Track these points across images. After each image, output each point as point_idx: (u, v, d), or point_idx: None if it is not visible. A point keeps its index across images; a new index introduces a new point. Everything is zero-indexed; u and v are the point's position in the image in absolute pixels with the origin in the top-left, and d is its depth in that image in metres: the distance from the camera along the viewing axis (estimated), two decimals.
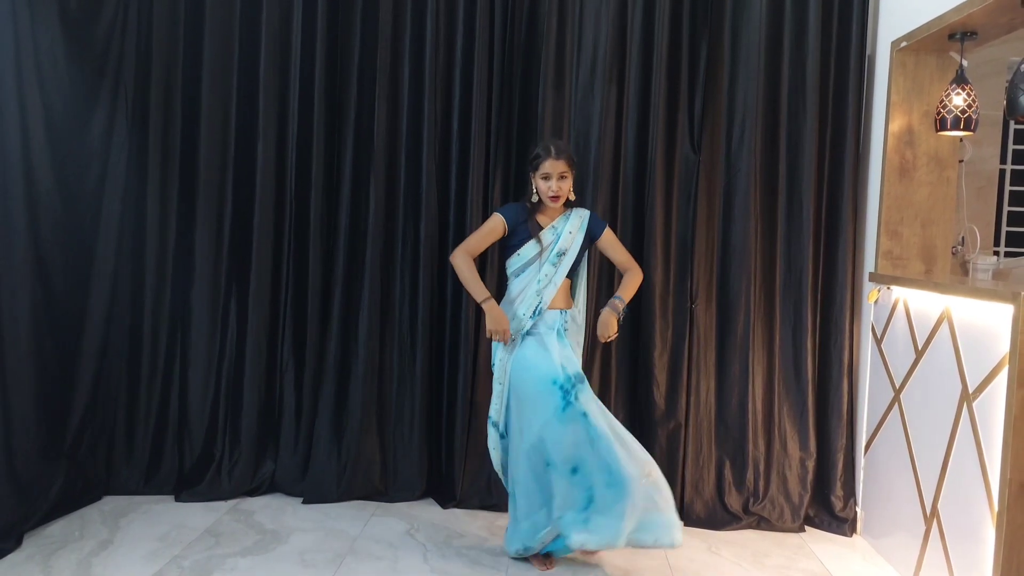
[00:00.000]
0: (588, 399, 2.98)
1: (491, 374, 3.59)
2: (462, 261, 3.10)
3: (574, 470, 2.91)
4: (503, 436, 3.17)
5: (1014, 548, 2.49)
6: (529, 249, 3.10)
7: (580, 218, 3.16)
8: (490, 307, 3.05)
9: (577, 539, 2.92)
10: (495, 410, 3.17)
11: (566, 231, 3.11)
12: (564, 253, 3.10)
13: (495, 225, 3.13)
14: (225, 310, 3.84)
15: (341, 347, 3.82)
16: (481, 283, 3.10)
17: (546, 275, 3.07)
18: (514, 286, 3.15)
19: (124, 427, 3.79)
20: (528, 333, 3.08)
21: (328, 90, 3.79)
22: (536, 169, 3.07)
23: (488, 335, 3.08)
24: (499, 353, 3.14)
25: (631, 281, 3.19)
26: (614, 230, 3.68)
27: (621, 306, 3.13)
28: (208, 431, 3.82)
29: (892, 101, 3.47)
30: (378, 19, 3.74)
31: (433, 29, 3.74)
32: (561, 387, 2.95)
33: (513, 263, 3.14)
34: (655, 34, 3.70)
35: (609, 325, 3.10)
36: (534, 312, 3.06)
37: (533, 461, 2.97)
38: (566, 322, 3.13)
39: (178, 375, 3.84)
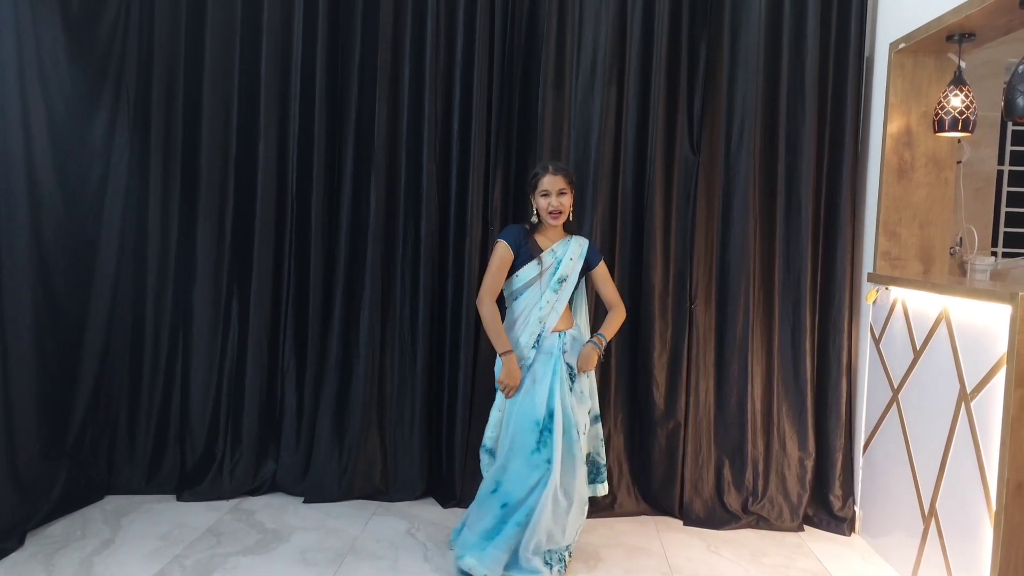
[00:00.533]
0: (556, 441, 2.95)
1: (491, 373, 3.61)
2: (488, 310, 3.07)
3: (504, 505, 2.98)
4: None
5: (1012, 547, 2.49)
6: (529, 271, 3.09)
7: (580, 245, 3.16)
8: (509, 360, 3.02)
9: (467, 562, 2.97)
10: (490, 437, 3.16)
11: (567, 257, 3.11)
12: (565, 279, 3.09)
13: (503, 254, 3.09)
14: (227, 310, 3.84)
15: (342, 347, 3.83)
16: (504, 335, 3.06)
17: (547, 302, 3.07)
18: (515, 308, 3.13)
19: (126, 427, 3.80)
20: (528, 367, 3.05)
21: (329, 90, 3.79)
22: (535, 187, 3.07)
23: (498, 384, 3.07)
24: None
25: (615, 319, 3.19)
26: (614, 233, 3.71)
27: (603, 343, 3.15)
28: (210, 431, 3.82)
29: (890, 102, 3.47)
30: (379, 20, 3.74)
31: (433, 30, 3.74)
32: (539, 428, 2.96)
33: (512, 284, 3.12)
34: (655, 35, 3.71)
35: (590, 359, 3.11)
36: (536, 342, 3.06)
37: (489, 482, 3.04)
38: (565, 344, 3.08)
39: (180, 375, 3.84)
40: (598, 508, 3.69)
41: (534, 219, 3.12)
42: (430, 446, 3.86)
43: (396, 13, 3.77)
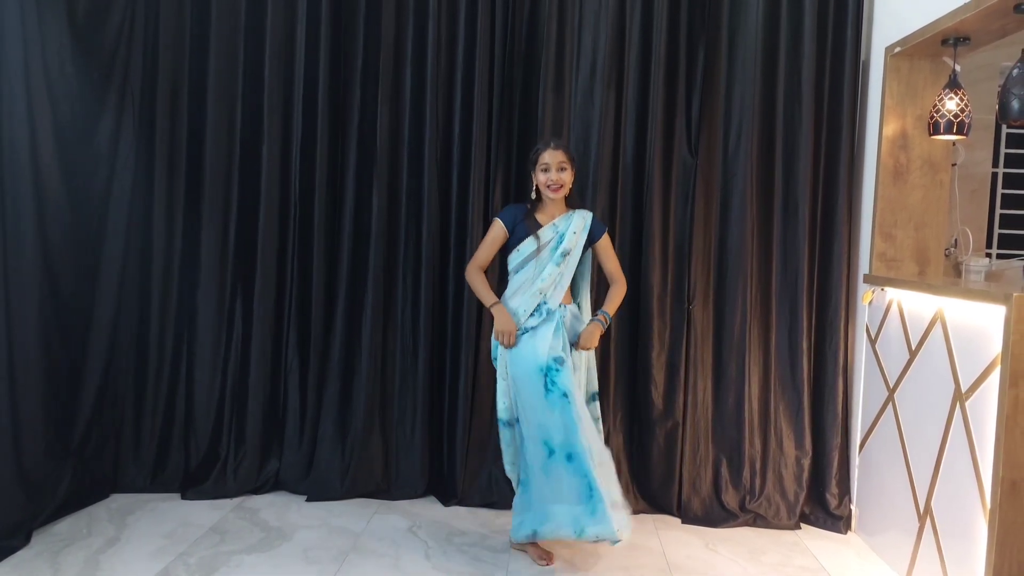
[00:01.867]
0: (566, 380, 2.96)
1: (492, 373, 3.60)
2: (475, 275, 3.17)
3: (569, 456, 2.92)
4: (512, 425, 3.16)
5: (1006, 545, 2.49)
6: (527, 246, 3.11)
7: (583, 219, 3.16)
8: (498, 311, 3.08)
9: (592, 531, 2.90)
10: (503, 408, 3.15)
11: (570, 231, 3.11)
12: (569, 253, 3.09)
13: (496, 231, 3.16)
14: (231, 311, 3.84)
15: (345, 347, 3.83)
16: (490, 291, 3.15)
17: (550, 275, 3.08)
18: (513, 282, 3.16)
19: (131, 426, 3.80)
20: (525, 331, 3.07)
21: (331, 94, 3.80)
22: (536, 163, 3.10)
23: (496, 336, 3.09)
24: (500, 350, 3.14)
25: (617, 295, 3.21)
26: (612, 233, 3.69)
27: (607, 321, 3.17)
28: (214, 430, 3.83)
29: (886, 105, 3.47)
30: (380, 24, 3.75)
31: (435, 33, 3.74)
32: (544, 372, 2.96)
33: (512, 259, 3.16)
34: (653, 39, 3.71)
35: (593, 336, 3.12)
36: (535, 311, 3.07)
37: (537, 449, 2.98)
38: (565, 316, 3.10)
39: (184, 375, 3.85)
40: None
41: (533, 195, 3.15)
42: (432, 445, 3.86)
43: (398, 16, 3.77)
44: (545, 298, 3.08)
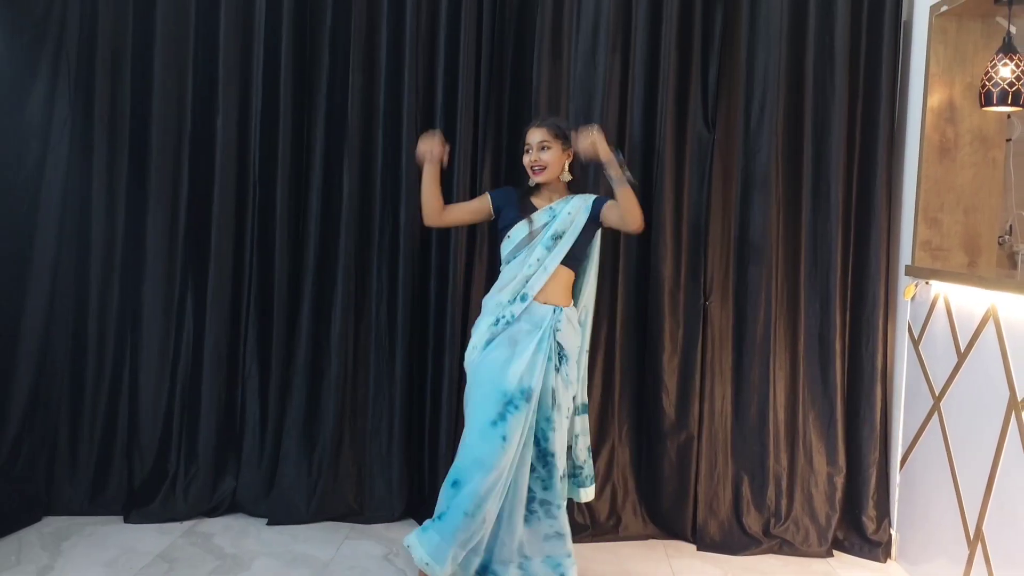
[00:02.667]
0: (517, 424, 2.91)
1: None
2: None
3: (455, 483, 2.95)
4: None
5: None
6: (519, 231, 3.08)
7: (584, 200, 3.13)
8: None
9: (409, 539, 2.99)
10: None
11: (565, 212, 3.08)
12: (561, 236, 3.05)
13: (480, 200, 3.26)
14: (180, 307, 3.84)
15: (311, 350, 3.82)
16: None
17: (537, 259, 3.03)
18: (505, 273, 3.13)
19: (67, 440, 3.79)
20: (505, 331, 3.01)
21: (296, 58, 3.78)
22: (524, 145, 3.13)
23: (418, 158, 3.18)
24: (471, 345, 3.12)
25: (634, 202, 2.99)
26: None
27: (626, 173, 2.96)
28: (161, 444, 3.82)
29: (931, 72, 3.45)
30: None
31: None
32: (506, 401, 2.91)
33: (504, 247, 3.13)
34: None
35: (597, 139, 2.94)
36: (514, 297, 3.03)
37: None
38: (559, 321, 3.02)
39: (127, 381, 3.84)
40: (600, 531, 3.68)
41: (531, 181, 3.16)
42: (410, 462, 3.85)
43: None
44: (526, 283, 3.03)
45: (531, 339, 2.98)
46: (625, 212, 2.96)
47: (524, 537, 2.97)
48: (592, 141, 2.92)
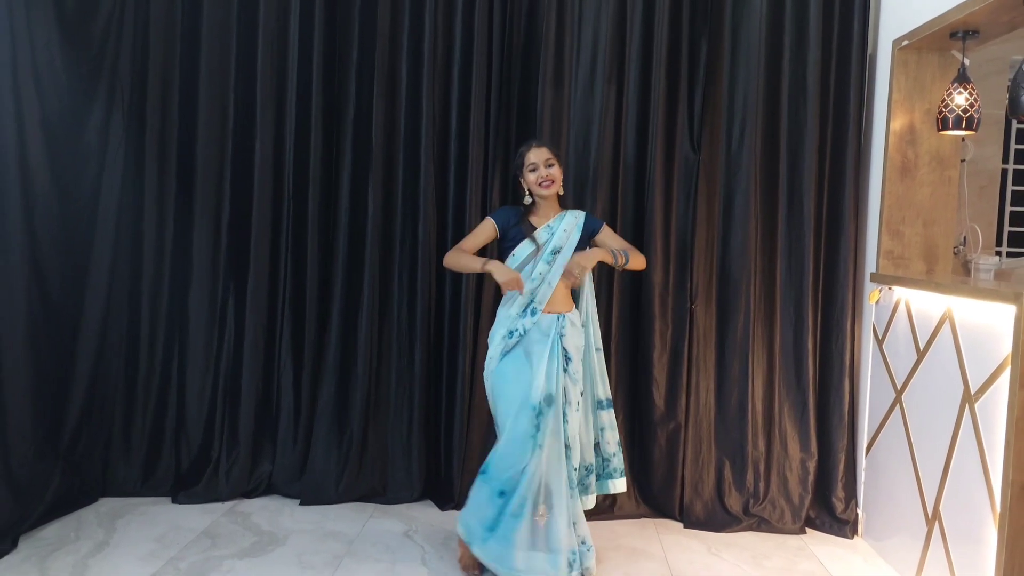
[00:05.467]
0: (547, 428, 2.89)
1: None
2: (453, 254, 3.08)
3: (501, 493, 2.88)
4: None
5: (1016, 550, 2.48)
6: (524, 249, 3.05)
7: (576, 217, 3.13)
8: (493, 265, 2.98)
9: (475, 550, 2.94)
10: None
11: (561, 229, 3.06)
12: (559, 251, 3.04)
13: (485, 226, 3.12)
14: (223, 309, 3.83)
15: (340, 347, 3.82)
16: (474, 256, 3.06)
17: (540, 273, 3.01)
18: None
19: (121, 428, 3.80)
20: (519, 343, 3.00)
21: (326, 88, 3.79)
22: (522, 166, 3.07)
23: (504, 289, 3.00)
24: (489, 356, 3.06)
25: (636, 258, 3.13)
26: (613, 229, 3.66)
27: (615, 257, 3.07)
28: (205, 432, 3.82)
29: (893, 100, 3.46)
30: (376, 16, 3.74)
31: (431, 26, 3.73)
32: (535, 411, 2.88)
33: (509, 264, 3.07)
34: (655, 32, 3.69)
35: (589, 257, 3.06)
36: (524, 310, 3.01)
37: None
38: (564, 327, 3.03)
39: (175, 375, 3.84)
40: (597, 510, 3.67)
41: (527, 200, 3.10)
42: (428, 448, 3.85)
43: (393, 8, 3.76)
44: (533, 297, 3.01)
45: (543, 348, 2.96)
46: (634, 268, 3.16)
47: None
48: (582, 268, 3.04)
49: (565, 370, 2.99)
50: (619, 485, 3.21)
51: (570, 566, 2.88)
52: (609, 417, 3.19)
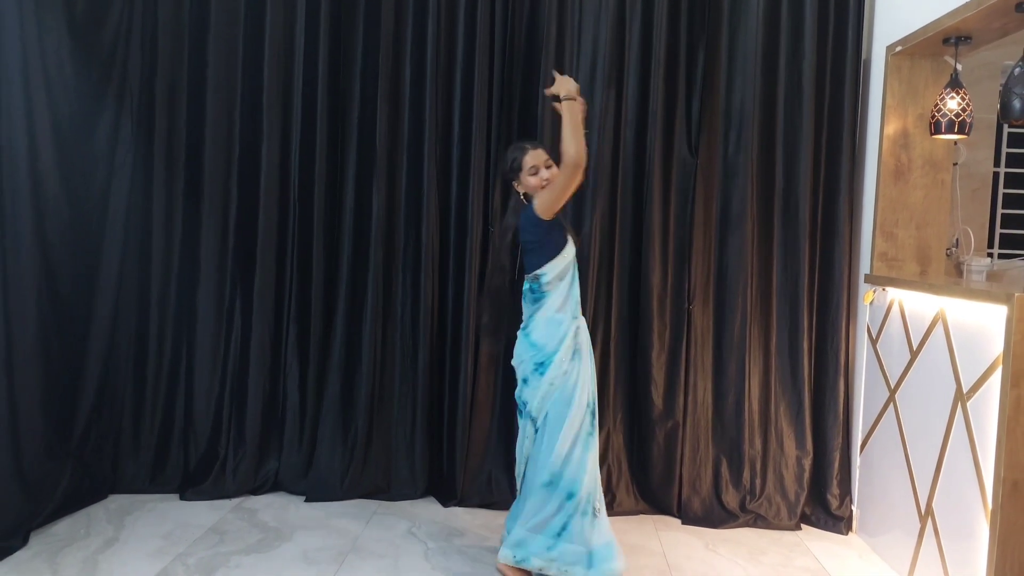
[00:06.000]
0: (596, 426, 2.92)
1: (491, 373, 3.62)
2: (571, 143, 2.71)
3: (570, 495, 2.81)
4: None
5: (1007, 545, 2.48)
6: (571, 248, 2.92)
7: None
8: (568, 102, 2.73)
9: (536, 563, 2.83)
10: (535, 407, 2.89)
11: None
12: None
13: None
14: (230, 310, 3.83)
15: (344, 347, 3.82)
16: (567, 125, 2.73)
17: (573, 275, 2.94)
18: (560, 290, 2.88)
19: (130, 426, 3.80)
20: (575, 346, 2.88)
21: (331, 92, 3.79)
22: (520, 170, 2.90)
23: (570, 94, 2.76)
24: (559, 358, 2.85)
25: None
26: (612, 233, 3.71)
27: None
28: (213, 430, 3.82)
29: (887, 105, 3.47)
30: (380, 22, 3.74)
31: (434, 32, 3.73)
32: (590, 409, 2.87)
33: (557, 264, 2.86)
34: (653, 38, 3.70)
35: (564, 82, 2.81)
36: (576, 314, 2.92)
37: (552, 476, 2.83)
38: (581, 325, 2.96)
39: (183, 374, 3.84)
40: None
41: (525, 201, 2.93)
42: (431, 446, 3.85)
43: (397, 13, 3.76)
44: (578, 302, 2.94)
45: (587, 348, 2.92)
46: (568, 135, 2.71)
47: None
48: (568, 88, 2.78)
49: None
50: None
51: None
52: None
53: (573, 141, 2.70)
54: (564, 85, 2.80)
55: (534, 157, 2.91)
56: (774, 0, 3.69)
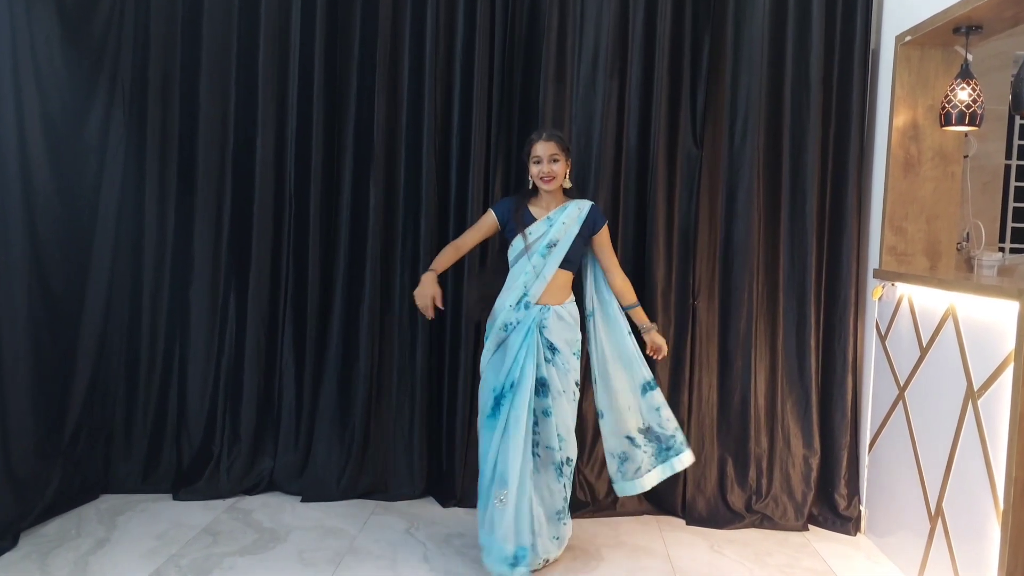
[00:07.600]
0: (505, 413, 2.96)
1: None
2: (445, 249, 3.20)
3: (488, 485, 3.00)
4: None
5: (1019, 546, 2.48)
6: (517, 243, 3.09)
7: (579, 208, 3.10)
8: (424, 279, 3.08)
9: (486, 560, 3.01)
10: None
11: (560, 221, 3.06)
12: (555, 244, 3.04)
13: (486, 219, 3.19)
14: (224, 306, 3.83)
15: (341, 344, 3.82)
16: (441, 258, 3.16)
17: (533, 266, 3.03)
18: (508, 277, 3.13)
19: (122, 425, 3.80)
20: (507, 327, 3.05)
21: (327, 82, 3.78)
22: (529, 154, 3.07)
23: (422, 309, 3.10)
24: (485, 351, 3.15)
25: (630, 292, 3.22)
26: (615, 227, 3.67)
27: (653, 325, 3.26)
28: (206, 428, 3.82)
29: (896, 95, 3.46)
30: (378, 10, 3.73)
31: (433, 21, 3.72)
32: (496, 393, 3.00)
33: (509, 255, 3.13)
34: (657, 28, 3.69)
35: (659, 343, 3.22)
36: (518, 303, 3.04)
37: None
38: (547, 319, 3.02)
39: (176, 372, 3.84)
40: (600, 507, 3.70)
41: (531, 186, 3.13)
42: (430, 445, 3.85)
43: (395, 3, 3.75)
44: (526, 290, 3.03)
45: (518, 339, 3.01)
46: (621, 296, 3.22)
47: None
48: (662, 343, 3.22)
49: (548, 360, 3.00)
50: (686, 459, 3.21)
51: (515, 559, 2.90)
52: (660, 396, 3.20)
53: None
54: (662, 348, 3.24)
55: (543, 148, 3.04)
56: None
